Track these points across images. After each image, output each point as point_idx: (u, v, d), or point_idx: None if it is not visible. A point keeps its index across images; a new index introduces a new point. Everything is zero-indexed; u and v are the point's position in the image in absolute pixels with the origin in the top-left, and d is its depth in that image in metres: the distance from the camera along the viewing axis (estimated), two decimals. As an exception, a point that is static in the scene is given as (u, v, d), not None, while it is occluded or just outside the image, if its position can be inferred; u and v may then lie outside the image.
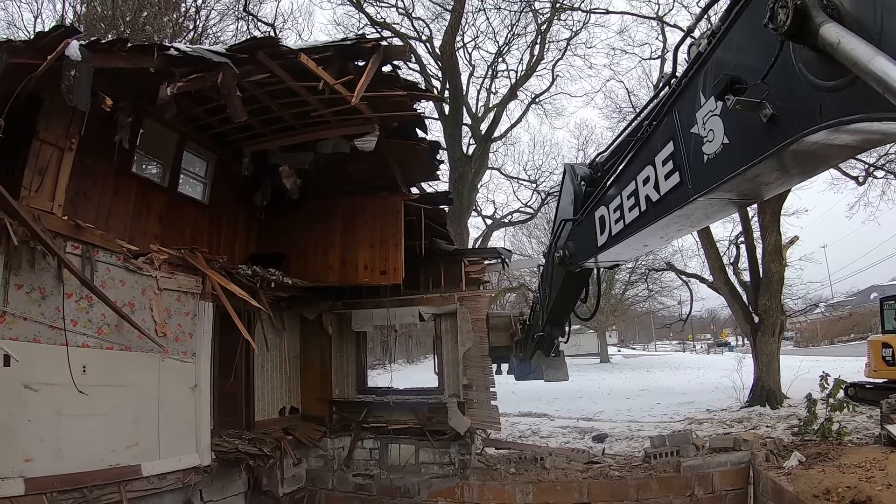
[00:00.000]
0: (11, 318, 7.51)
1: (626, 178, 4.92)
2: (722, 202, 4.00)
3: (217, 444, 10.69)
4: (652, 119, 4.47)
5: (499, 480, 12.11)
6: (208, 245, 11.96)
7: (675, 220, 4.39)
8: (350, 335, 14.72)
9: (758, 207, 21.54)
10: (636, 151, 4.75)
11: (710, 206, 4.04)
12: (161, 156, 11.52)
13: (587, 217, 5.84)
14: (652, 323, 74.45)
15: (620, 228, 5.06)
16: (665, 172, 4.24)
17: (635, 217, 4.77)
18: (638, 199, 4.68)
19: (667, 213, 4.32)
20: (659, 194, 4.35)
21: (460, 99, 26.99)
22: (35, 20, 25.31)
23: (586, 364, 51.50)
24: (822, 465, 10.01)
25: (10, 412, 7.36)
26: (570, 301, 7.64)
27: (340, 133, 11.63)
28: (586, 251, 5.94)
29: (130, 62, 8.25)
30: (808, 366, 20.88)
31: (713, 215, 4.41)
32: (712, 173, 3.68)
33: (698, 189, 3.86)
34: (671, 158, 4.16)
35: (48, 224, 7.89)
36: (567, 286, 7.25)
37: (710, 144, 3.64)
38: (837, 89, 2.64)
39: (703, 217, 4.41)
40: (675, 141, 4.08)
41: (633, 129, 5.29)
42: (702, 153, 3.75)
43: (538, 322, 8.64)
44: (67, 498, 7.79)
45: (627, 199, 4.87)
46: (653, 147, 4.44)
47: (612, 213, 5.21)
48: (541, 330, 8.51)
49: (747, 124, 3.28)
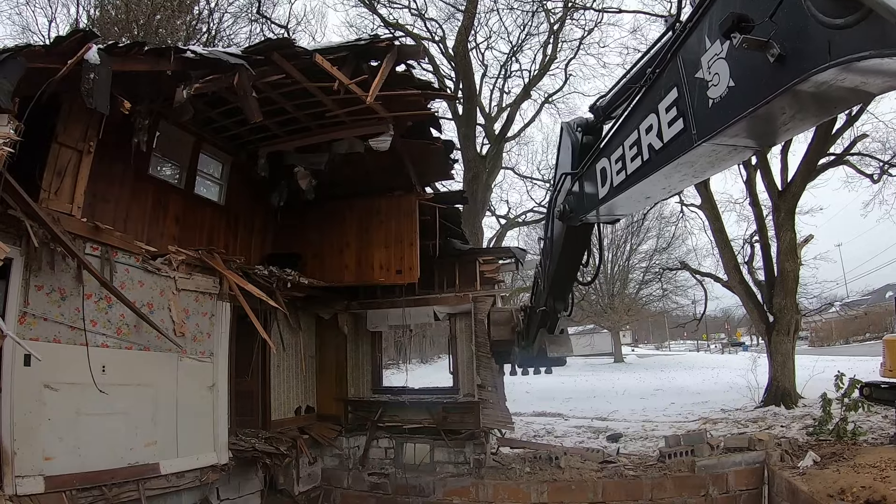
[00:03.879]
0: (32, 319, 7.62)
1: (629, 128, 4.84)
2: (726, 149, 3.94)
3: (234, 442, 10.76)
4: (655, 66, 4.42)
5: (513, 480, 12.10)
6: (225, 246, 12.07)
7: (678, 168, 4.33)
8: (365, 335, 14.77)
9: (772, 206, 21.44)
10: (639, 100, 4.69)
11: (714, 152, 3.99)
12: (177, 158, 11.60)
13: (588, 170, 5.75)
14: (666, 322, 74.18)
15: (622, 179, 4.98)
16: (668, 119, 4.18)
17: (637, 167, 4.70)
18: (640, 149, 4.61)
19: (670, 160, 4.26)
20: (662, 142, 4.30)
21: (474, 99, 26.92)
22: (49, 24, 25.64)
23: (600, 364, 51.51)
24: (836, 464, 9.97)
25: (31, 411, 7.47)
26: (572, 264, 7.45)
27: (355, 133, 11.65)
28: (587, 204, 5.83)
29: (148, 65, 8.32)
30: (823, 365, 20.67)
31: (717, 164, 4.32)
32: (717, 117, 3.64)
33: (703, 134, 3.81)
34: (675, 105, 4.10)
35: (67, 226, 8.00)
36: (568, 245, 7.05)
37: (716, 88, 3.60)
38: (847, 26, 2.62)
39: (707, 166, 4.33)
40: (679, 87, 4.03)
41: (636, 73, 5.21)
42: (706, 98, 3.70)
43: (540, 298, 8.51)
44: (87, 495, 7.89)
45: (630, 149, 4.79)
46: (656, 95, 4.38)
47: (613, 163, 5.12)
48: (543, 304, 8.35)
49: (753, 66, 3.25)
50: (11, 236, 7.28)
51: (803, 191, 21.03)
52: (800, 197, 21.04)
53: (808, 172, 20.62)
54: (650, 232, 47.61)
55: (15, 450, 7.21)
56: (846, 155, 21.87)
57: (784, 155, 21.62)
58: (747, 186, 23.04)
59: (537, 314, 8.75)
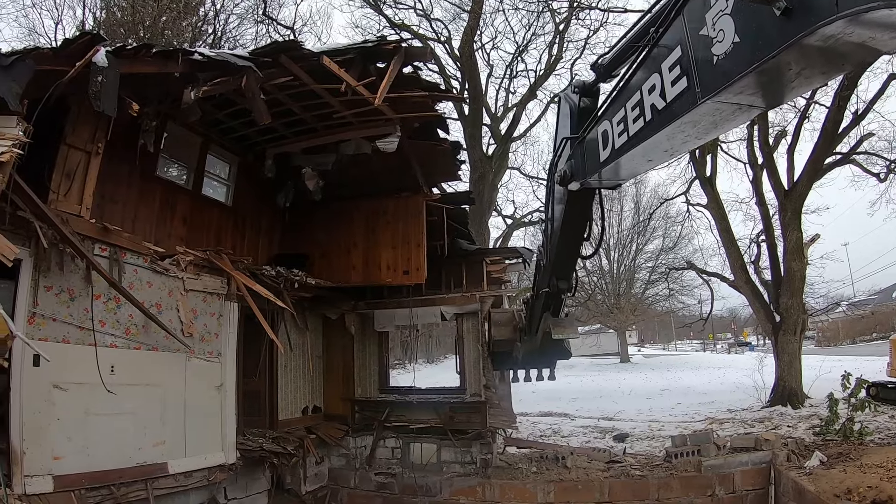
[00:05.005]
0: (41, 319, 7.67)
1: (631, 89, 4.77)
2: (730, 107, 3.85)
3: (242, 442, 10.82)
4: (659, 25, 4.33)
5: (520, 479, 12.12)
6: (232, 246, 12.12)
7: (681, 128, 4.24)
8: (372, 335, 14.80)
9: (778, 205, 21.45)
10: (641, 60, 4.62)
11: (718, 111, 3.90)
12: (185, 159, 11.65)
13: (589, 133, 5.66)
14: (672, 322, 73.91)
15: (624, 141, 4.89)
16: (672, 78, 4.11)
17: (640, 128, 4.62)
18: (643, 109, 4.53)
19: (673, 120, 4.19)
20: (665, 102, 4.23)
21: (480, 99, 26.89)
22: (56, 26, 25.67)
23: (606, 364, 51.47)
24: (843, 464, 9.96)
25: (40, 411, 7.52)
26: (574, 236, 7.25)
27: (362, 134, 11.68)
28: (589, 167, 5.74)
29: (156, 67, 8.36)
30: (830, 365, 20.70)
31: (720, 124, 4.20)
32: (721, 74, 3.59)
33: (706, 92, 3.75)
34: (678, 63, 4.04)
35: (76, 227, 8.05)
36: (569, 214, 6.90)
37: (720, 45, 3.54)
38: None
39: (711, 126, 4.22)
40: (683, 45, 3.96)
41: (638, 32, 5.14)
42: (711, 55, 3.65)
43: (543, 279, 8.38)
44: (95, 495, 7.93)
45: (632, 111, 4.71)
46: (659, 54, 4.32)
47: (615, 125, 5.03)
48: (546, 285, 8.22)
49: (759, 20, 3.20)
50: (21, 237, 7.30)
51: (809, 190, 21.02)
52: (806, 196, 21.05)
53: (815, 172, 20.61)
54: (656, 231, 47.47)
55: (24, 449, 7.25)
56: (852, 154, 21.80)
57: (790, 154, 21.61)
58: (753, 186, 23.05)
59: (540, 297, 8.62)
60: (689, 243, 42.72)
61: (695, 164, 24.77)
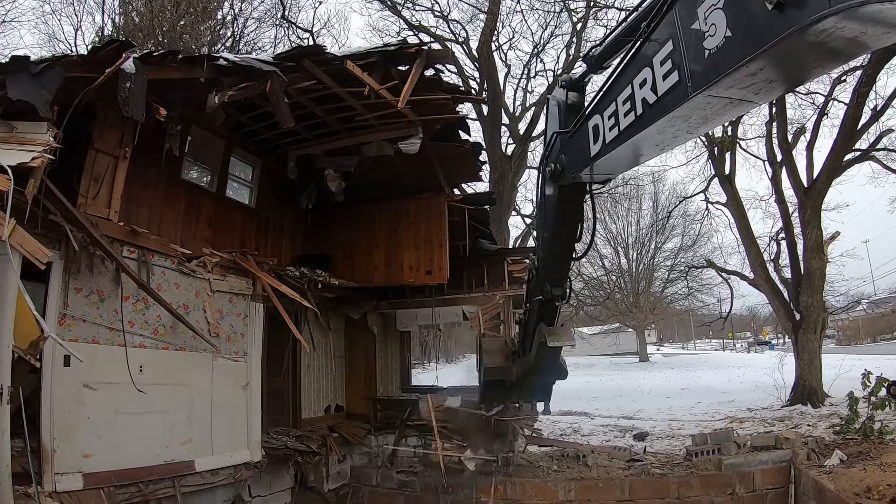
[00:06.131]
0: (71, 321, 7.82)
1: (622, 83, 4.67)
2: (721, 102, 3.79)
3: (266, 440, 10.94)
4: (651, 19, 4.24)
5: (541, 477, 12.14)
6: (256, 248, 12.25)
7: (672, 122, 4.19)
8: (394, 334, 14.92)
9: (798, 203, 21.32)
10: (633, 54, 4.48)
11: (709, 105, 3.83)
12: (209, 162, 11.82)
13: (580, 128, 5.50)
14: (691, 321, 73.34)
15: (615, 135, 4.80)
16: (663, 73, 4.06)
17: (631, 122, 4.54)
18: (634, 103, 4.46)
19: (664, 114, 4.12)
20: (656, 96, 4.16)
21: (498, 99, 26.84)
22: (76, 32, 25.87)
23: (625, 363, 51.30)
24: (863, 463, 9.95)
25: (70, 410, 7.68)
26: (567, 236, 7.19)
27: (384, 136, 11.76)
28: (579, 162, 5.60)
29: (181, 73, 8.50)
30: (850, 364, 20.51)
31: (711, 118, 4.11)
32: (713, 68, 3.54)
33: (698, 86, 3.69)
34: (670, 58, 3.98)
35: (105, 230, 8.18)
36: (561, 213, 6.88)
37: (712, 39, 3.50)
38: None
39: (701, 120, 4.14)
40: (675, 39, 3.92)
41: (630, 27, 5.14)
42: (702, 49, 3.61)
43: (537, 288, 8.32)
44: (124, 492, 8.06)
45: (623, 105, 4.62)
46: (650, 48, 4.26)
47: (606, 120, 4.93)
48: (539, 293, 8.16)
49: (751, 14, 3.17)
50: (51, 241, 7.44)
51: (829, 187, 20.91)
52: (826, 193, 20.93)
53: (834, 169, 20.47)
54: (675, 230, 47.00)
55: (55, 448, 7.40)
56: (872, 150, 21.61)
57: (809, 151, 21.48)
58: (773, 183, 22.95)
59: (534, 307, 8.58)
60: (709, 241, 42.44)
61: (714, 161, 24.71)
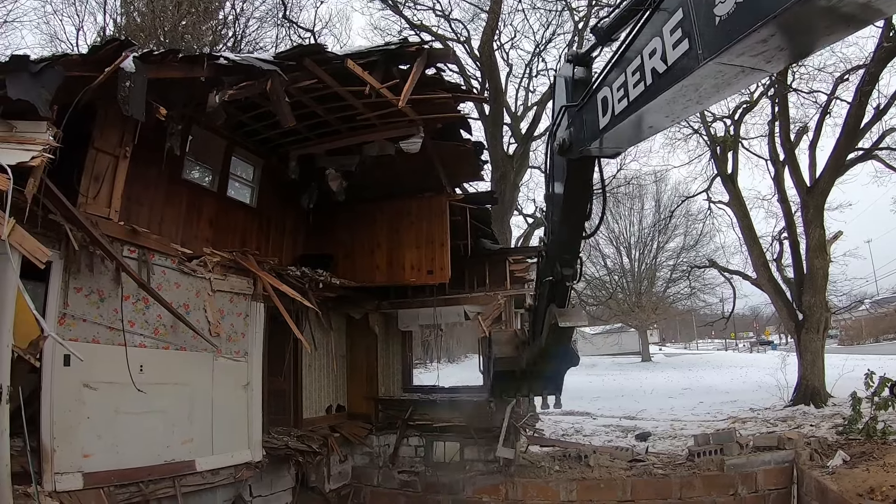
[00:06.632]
0: (71, 320, 7.81)
1: (631, 54, 4.59)
2: (732, 70, 3.70)
3: (267, 440, 10.92)
4: None
5: (543, 478, 12.11)
6: (257, 247, 12.22)
7: (682, 92, 4.09)
8: (396, 334, 14.90)
9: (800, 202, 21.31)
10: (642, 25, 4.37)
11: (720, 73, 3.75)
12: (210, 161, 11.80)
13: (589, 101, 5.41)
14: (694, 321, 73.26)
15: (625, 106, 4.70)
16: (673, 42, 3.96)
17: (640, 92, 4.46)
18: (643, 74, 4.38)
19: (674, 83, 4.03)
20: (666, 65, 4.07)
21: (500, 98, 26.78)
22: (77, 32, 25.95)
23: (628, 363, 51.38)
24: (866, 463, 9.88)
25: (70, 410, 7.66)
26: (576, 214, 7.06)
27: (385, 136, 11.73)
28: (588, 135, 5.52)
29: (182, 72, 8.47)
30: (853, 364, 20.50)
31: (722, 88, 4.03)
32: (723, 35, 3.45)
33: (708, 53, 3.61)
34: (679, 26, 3.89)
35: (105, 229, 8.16)
36: (570, 189, 6.75)
37: (723, 5, 3.42)
38: None
39: (713, 90, 4.06)
40: (685, 7, 3.82)
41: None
42: (713, 16, 3.52)
43: (547, 268, 8.18)
44: (124, 492, 8.05)
45: (632, 76, 4.54)
46: (660, 18, 4.16)
47: (615, 91, 4.84)
48: (549, 273, 8.02)
49: None
50: (51, 240, 7.43)
51: (832, 187, 20.88)
52: (828, 193, 20.90)
53: (837, 168, 20.42)
54: (678, 229, 47.09)
55: (55, 447, 7.38)
56: (875, 149, 21.49)
57: (812, 150, 21.45)
58: (775, 183, 22.92)
59: (545, 286, 8.46)
60: (711, 241, 42.56)
61: (716, 161, 24.71)
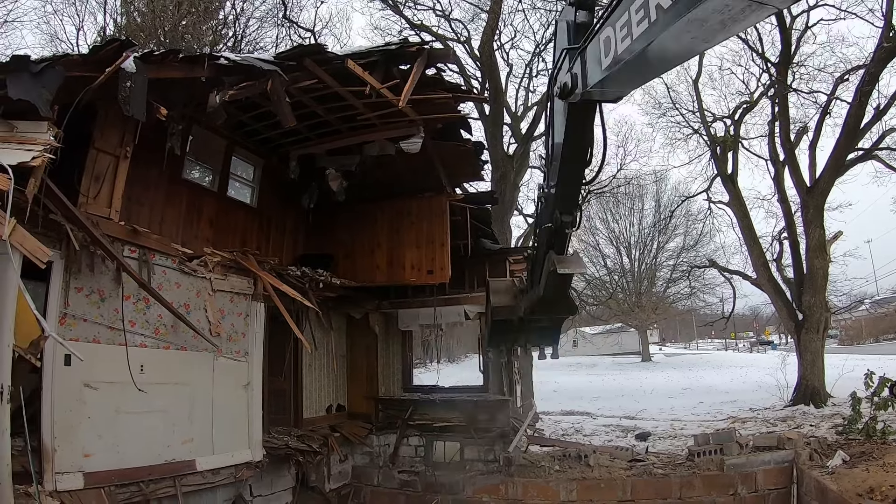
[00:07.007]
0: (72, 320, 7.80)
1: None
2: (740, 5, 3.45)
3: (268, 440, 10.92)
4: None
5: (543, 477, 12.09)
6: (258, 247, 12.24)
7: (687, 27, 3.81)
8: (396, 334, 14.92)
9: (800, 202, 21.38)
10: None
11: (727, 7, 3.49)
12: (210, 161, 11.81)
13: (591, 42, 5.07)
14: (693, 321, 73.35)
15: (627, 45, 4.48)
16: None
17: (644, 30, 4.22)
18: (648, 10, 4.12)
19: (679, 17, 3.75)
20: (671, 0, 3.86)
21: (500, 98, 26.75)
22: (77, 32, 25.92)
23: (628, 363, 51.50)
24: (866, 463, 9.88)
25: (71, 409, 7.65)
26: (576, 160, 6.98)
27: (386, 135, 11.72)
28: (590, 77, 5.20)
29: (182, 72, 8.47)
30: (853, 364, 20.52)
31: (729, 24, 3.74)
32: None
33: None
34: None
35: (106, 229, 8.16)
36: (570, 133, 6.62)
37: None
38: None
39: (720, 25, 3.71)
40: None
41: None
42: None
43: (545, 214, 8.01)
44: (124, 491, 8.04)
45: (636, 14, 4.28)
46: None
47: (618, 31, 4.59)
48: (549, 220, 7.86)
49: None
50: (52, 240, 7.43)
51: (832, 187, 20.96)
52: (828, 193, 20.98)
53: (837, 168, 20.49)
54: (678, 229, 47.13)
55: (55, 447, 7.38)
56: (875, 149, 21.54)
57: (812, 150, 21.53)
58: (775, 183, 22.99)
59: (543, 232, 8.32)
60: (711, 241, 42.59)
61: (716, 161, 24.78)
